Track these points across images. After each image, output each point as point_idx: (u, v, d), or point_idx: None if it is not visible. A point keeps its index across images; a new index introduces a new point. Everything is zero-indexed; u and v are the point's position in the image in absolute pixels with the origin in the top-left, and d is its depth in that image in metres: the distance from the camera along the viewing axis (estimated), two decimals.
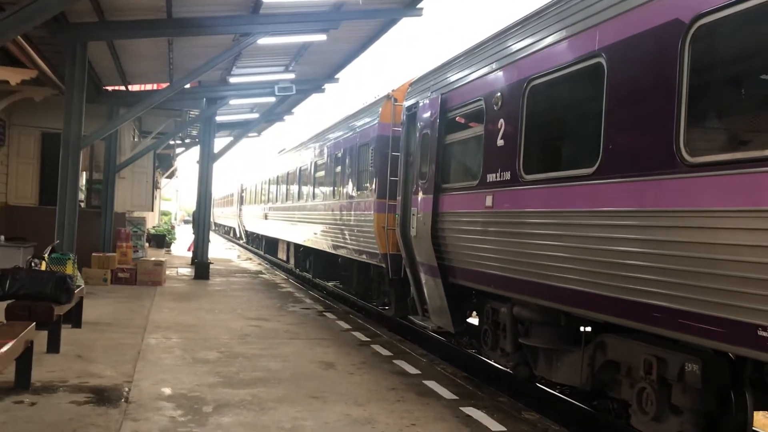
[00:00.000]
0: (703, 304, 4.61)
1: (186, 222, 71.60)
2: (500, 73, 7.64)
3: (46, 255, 8.85)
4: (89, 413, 5.61)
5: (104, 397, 6.13)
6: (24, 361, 6.14)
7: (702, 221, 4.60)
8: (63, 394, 6.16)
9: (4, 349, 5.15)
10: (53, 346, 7.77)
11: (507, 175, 7.25)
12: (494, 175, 7.53)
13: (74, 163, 11.64)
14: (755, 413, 5.32)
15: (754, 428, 5.74)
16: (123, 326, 9.85)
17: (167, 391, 6.47)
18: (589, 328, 6.69)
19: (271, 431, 5.40)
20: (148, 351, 8.23)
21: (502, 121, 7.46)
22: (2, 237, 13.49)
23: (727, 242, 4.41)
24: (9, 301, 7.35)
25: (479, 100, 8.07)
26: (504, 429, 5.80)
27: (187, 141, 27.54)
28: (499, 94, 7.56)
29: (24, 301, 7.29)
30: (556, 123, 7.04)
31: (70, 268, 8.81)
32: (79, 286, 8.70)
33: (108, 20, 11.63)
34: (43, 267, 8.45)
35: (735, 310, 4.36)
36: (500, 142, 7.47)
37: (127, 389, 6.44)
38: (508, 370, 8.42)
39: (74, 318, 9.26)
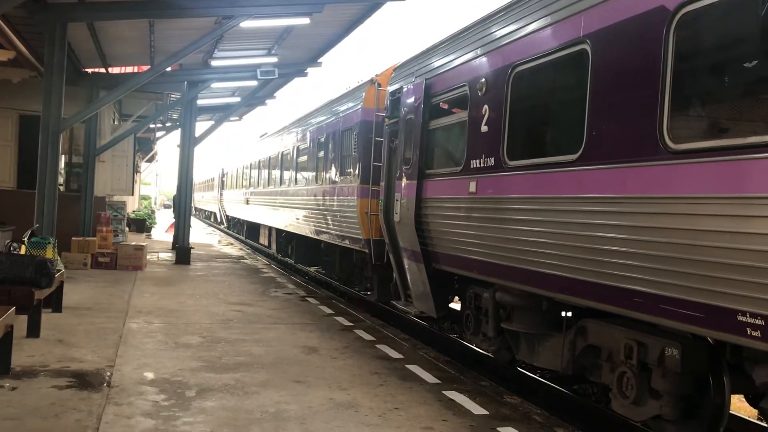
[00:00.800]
0: (684, 289, 4.67)
1: (166, 206, 71.09)
2: (485, 59, 7.64)
3: (25, 239, 8.78)
4: (71, 397, 5.58)
5: (86, 381, 6.10)
6: (4, 345, 6.10)
7: (684, 208, 4.65)
8: (44, 378, 6.12)
9: None
10: (33, 331, 7.71)
11: (491, 161, 7.27)
12: (478, 161, 7.55)
13: (54, 146, 11.51)
14: (732, 397, 5.41)
15: (730, 411, 5.85)
16: (104, 311, 9.79)
17: (150, 375, 6.45)
18: (570, 314, 6.76)
19: (254, 415, 5.41)
20: (129, 335, 8.20)
21: (486, 107, 7.47)
22: None
23: (708, 228, 4.46)
24: None
25: (464, 85, 8.07)
26: (486, 412, 5.85)
27: (168, 125, 27.28)
28: (483, 79, 7.56)
29: (3, 286, 7.21)
30: (541, 109, 7.06)
31: (50, 252, 8.74)
32: (59, 271, 8.63)
33: (88, 1, 11.46)
34: (23, 251, 8.38)
35: (715, 296, 4.42)
36: (484, 128, 7.48)
37: (109, 374, 6.41)
38: (490, 354, 8.49)
39: (54, 302, 9.18)
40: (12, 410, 5.17)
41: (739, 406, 7.81)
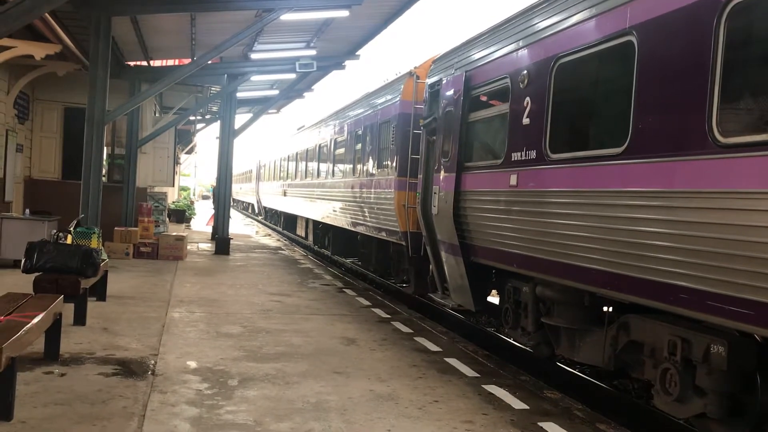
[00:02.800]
0: (732, 285, 4.58)
1: (205, 197, 71.97)
2: (526, 51, 7.56)
3: (71, 229, 8.96)
4: (117, 385, 5.71)
5: (131, 369, 6.23)
6: (53, 333, 6.25)
7: (733, 203, 4.55)
8: (91, 365, 6.26)
9: (35, 321, 5.23)
10: (80, 319, 7.89)
11: (533, 154, 7.20)
12: (519, 153, 7.49)
13: (98, 138, 11.74)
14: None
15: None
16: (147, 300, 9.97)
17: (193, 364, 6.55)
18: (611, 309, 6.68)
19: (296, 405, 5.46)
20: (172, 324, 8.34)
21: (528, 99, 7.40)
22: (27, 211, 13.64)
23: (757, 224, 4.36)
24: (37, 274, 7.47)
25: (504, 77, 8.00)
26: (526, 407, 5.82)
27: (208, 117, 27.62)
28: (525, 72, 7.49)
29: (51, 274, 7.41)
30: (584, 102, 6.96)
31: (95, 242, 8.94)
32: (103, 260, 8.81)
33: None
34: (69, 241, 8.56)
35: (764, 292, 4.33)
36: (526, 121, 7.41)
37: (153, 362, 6.53)
38: (529, 349, 8.44)
39: (99, 291, 9.38)
40: (62, 396, 5.31)
41: None
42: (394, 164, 12.78)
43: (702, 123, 4.82)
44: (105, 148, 16.59)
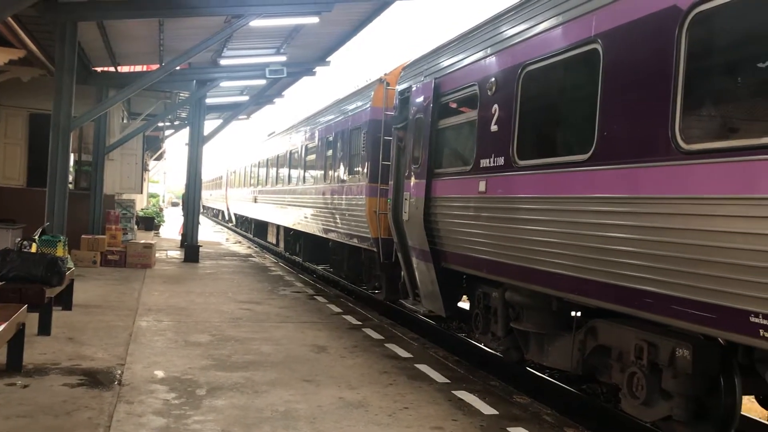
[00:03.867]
0: (696, 290, 4.65)
1: (174, 204, 71.21)
2: (495, 59, 7.63)
3: (36, 237, 8.80)
4: (82, 395, 5.61)
5: (97, 379, 6.13)
6: (16, 343, 6.13)
7: (696, 208, 4.63)
8: (55, 376, 6.15)
9: None
10: (44, 329, 7.75)
11: (501, 161, 7.26)
12: (488, 160, 7.54)
13: (64, 144, 11.56)
14: (743, 398, 5.38)
15: (742, 413, 5.83)
16: (114, 308, 9.83)
17: (160, 373, 6.47)
18: (579, 313, 6.74)
19: (264, 414, 5.42)
20: (139, 334, 8.23)
21: (496, 106, 7.46)
22: None
23: (721, 229, 4.44)
24: (0, 284, 7.33)
25: (473, 85, 8.06)
26: (496, 412, 5.85)
27: (177, 123, 27.34)
28: (493, 79, 7.55)
29: (15, 284, 7.26)
30: (551, 109, 7.04)
31: (60, 250, 8.77)
32: (69, 269, 8.66)
33: (98, 0, 11.49)
34: (34, 249, 8.40)
35: (728, 297, 4.40)
36: (494, 128, 7.47)
37: (119, 372, 6.44)
38: (499, 354, 8.49)
39: (65, 300, 9.23)
40: (24, 408, 5.20)
41: (750, 407, 7.78)
42: (365, 170, 12.78)
43: (665, 130, 4.90)
44: (72, 154, 16.37)
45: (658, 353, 5.39)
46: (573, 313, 6.79)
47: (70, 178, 15.72)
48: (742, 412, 5.76)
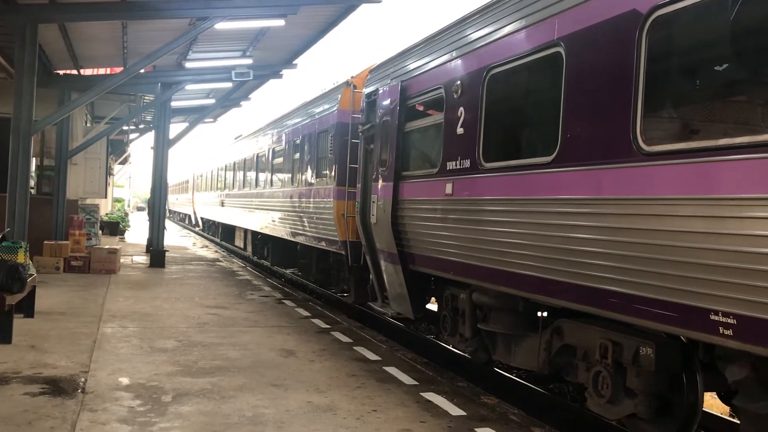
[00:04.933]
0: (658, 289, 4.74)
1: (140, 209, 70.29)
2: (460, 62, 7.68)
3: None
4: (44, 404, 5.50)
5: (60, 388, 6.01)
6: None
7: (657, 209, 4.71)
8: (16, 385, 6.02)
9: None
10: (5, 337, 7.58)
11: (467, 163, 7.30)
12: (454, 163, 7.58)
13: (25, 149, 11.34)
14: (705, 394, 5.49)
15: (704, 409, 5.94)
16: (77, 315, 9.66)
17: (125, 380, 6.38)
18: (546, 314, 6.81)
19: (232, 419, 5.37)
20: (104, 340, 8.10)
21: (461, 109, 7.50)
22: None
23: (681, 229, 4.52)
24: None
25: (439, 88, 8.10)
26: (464, 413, 5.88)
27: (141, 126, 27.00)
28: (458, 82, 7.60)
29: None
30: (516, 112, 7.11)
31: (21, 257, 8.57)
32: (31, 275, 8.49)
33: (59, 2, 11.31)
34: None
35: (688, 296, 4.49)
36: (460, 131, 7.51)
37: (83, 380, 6.33)
38: (467, 355, 8.53)
39: (26, 307, 9.04)
40: None
41: (712, 403, 7.94)
42: (333, 173, 12.76)
43: (627, 132, 4.98)
44: (33, 159, 16.05)
45: (622, 352, 5.47)
46: (539, 314, 6.86)
47: (32, 183, 15.43)
48: (704, 408, 5.87)
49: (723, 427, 7.05)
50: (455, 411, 5.92)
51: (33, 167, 15.86)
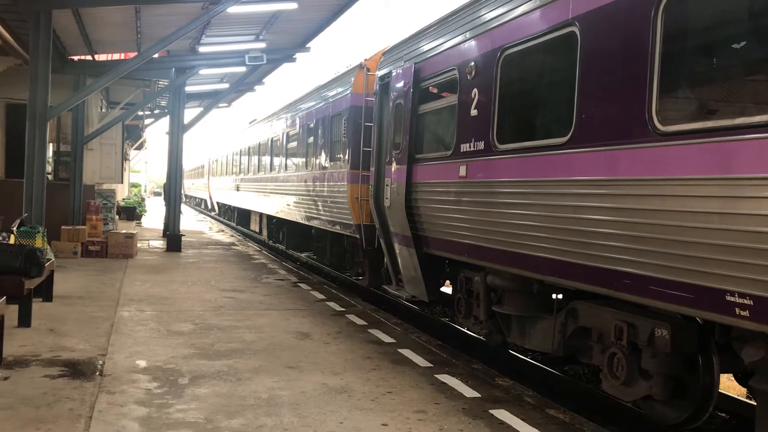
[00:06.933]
0: (674, 270, 4.70)
1: (156, 194, 70.70)
2: (474, 43, 7.62)
3: (14, 228, 8.71)
4: (64, 387, 5.58)
5: (78, 370, 6.09)
6: None
7: (673, 189, 4.67)
8: (36, 368, 6.11)
9: None
10: (24, 320, 7.68)
11: (481, 145, 7.27)
12: (468, 145, 7.54)
13: (41, 134, 11.42)
14: (721, 376, 5.47)
15: (720, 390, 5.92)
16: (95, 299, 9.76)
17: (142, 363, 6.45)
18: (560, 296, 6.80)
19: (248, 401, 5.42)
20: (121, 324, 8.18)
21: (475, 90, 7.46)
22: None
23: (697, 210, 4.48)
24: None
25: (453, 69, 8.05)
26: (478, 395, 5.89)
27: (156, 112, 27.10)
28: (472, 63, 7.54)
29: None
30: (530, 92, 7.05)
31: (39, 241, 8.68)
32: (49, 260, 8.59)
33: None
34: (12, 240, 8.32)
35: (704, 276, 4.46)
36: (474, 112, 7.47)
37: (101, 362, 6.40)
38: (482, 337, 8.54)
39: (45, 291, 9.15)
40: (5, 400, 5.16)
41: (728, 385, 7.90)
42: (347, 157, 12.75)
43: (642, 112, 4.93)
44: (50, 145, 16.18)
45: (637, 333, 5.45)
46: (554, 296, 6.85)
47: (49, 169, 15.57)
48: (720, 390, 5.85)
49: (739, 408, 7.02)
50: (470, 393, 5.94)
51: (49, 153, 16.00)
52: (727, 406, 7.03)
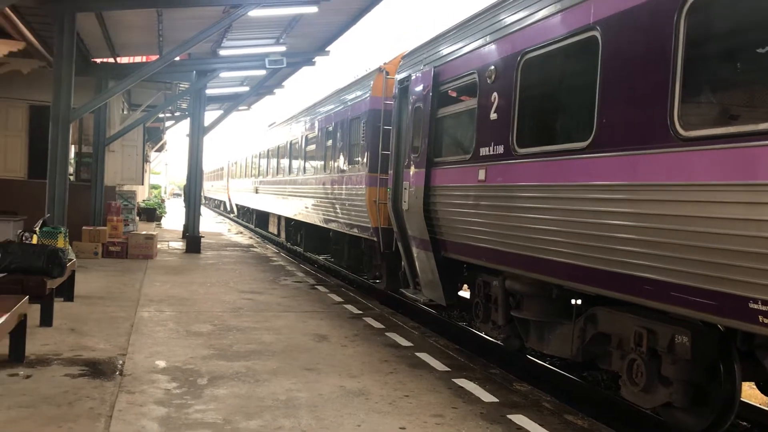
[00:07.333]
0: (695, 277, 4.66)
1: (176, 195, 71.21)
2: (494, 46, 7.61)
3: (37, 228, 8.83)
4: (84, 386, 5.64)
5: (98, 369, 6.16)
6: (18, 334, 6.15)
7: (695, 195, 4.63)
8: (57, 367, 6.18)
9: None
10: (46, 320, 7.77)
11: (500, 149, 7.25)
12: (487, 149, 7.53)
13: (64, 136, 11.56)
14: (743, 384, 5.40)
15: (741, 399, 5.84)
16: (115, 299, 9.86)
17: (162, 363, 6.50)
18: (579, 301, 6.75)
19: (266, 403, 5.45)
20: (141, 324, 8.25)
21: (495, 94, 7.44)
22: None
23: (719, 216, 4.44)
24: (1, 275, 7.34)
25: (472, 73, 8.04)
26: (496, 400, 5.87)
27: (177, 114, 27.31)
28: (492, 67, 7.53)
29: (16, 275, 7.27)
30: (550, 97, 7.03)
31: (61, 242, 8.80)
32: (70, 260, 8.68)
33: None
34: (35, 240, 8.43)
35: (727, 283, 4.41)
36: (493, 116, 7.45)
37: (121, 362, 6.46)
38: (499, 342, 8.51)
39: (66, 291, 9.25)
40: (26, 398, 5.23)
41: (750, 393, 7.80)
42: (365, 160, 12.77)
43: (664, 117, 4.89)
44: (72, 146, 16.36)
45: (657, 340, 5.41)
46: (573, 301, 6.80)
47: (71, 170, 15.74)
48: (741, 398, 5.78)
49: (762, 417, 6.93)
50: (488, 397, 5.92)
51: (72, 154, 16.18)
52: (750, 415, 6.94)
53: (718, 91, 5.09)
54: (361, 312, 9.92)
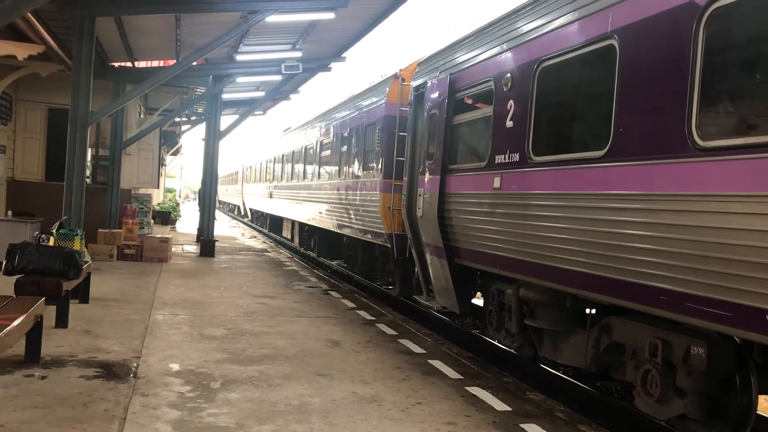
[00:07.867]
0: (712, 288, 4.62)
1: (191, 199, 71.51)
2: (510, 54, 7.60)
3: (54, 230, 8.90)
4: (98, 387, 5.67)
5: (113, 372, 6.19)
6: (34, 335, 6.20)
7: (712, 205, 4.60)
8: (72, 368, 6.22)
9: (15, 323, 5.19)
10: (62, 321, 7.83)
11: (516, 157, 7.24)
12: (503, 156, 7.52)
13: (82, 139, 11.65)
14: (759, 397, 5.35)
15: (758, 412, 5.78)
16: (130, 302, 9.92)
17: (175, 366, 6.53)
18: (594, 311, 6.72)
19: (278, 407, 5.45)
20: (155, 327, 8.30)
21: (511, 102, 7.44)
22: (9, 212, 13.53)
23: (737, 227, 4.41)
24: (18, 276, 7.41)
25: (488, 80, 8.04)
26: (509, 409, 5.84)
27: (193, 118, 27.50)
28: (508, 75, 7.53)
29: (33, 276, 7.34)
30: (567, 105, 7.01)
31: (77, 244, 8.87)
32: (86, 262, 8.75)
33: None
34: (52, 242, 8.49)
35: (743, 295, 4.37)
36: (509, 124, 7.45)
37: (135, 364, 6.50)
38: (513, 351, 8.47)
39: (82, 293, 9.32)
40: (42, 399, 5.27)
41: (767, 406, 7.72)
42: (380, 166, 12.79)
43: (682, 126, 4.87)
44: (89, 149, 16.50)
45: (672, 351, 5.37)
46: (587, 310, 6.77)
47: (87, 173, 15.88)
48: (758, 411, 5.72)
49: None
50: (500, 406, 5.90)
51: (89, 157, 16.32)
52: (767, 428, 6.86)
53: (737, 100, 5.06)
54: (374, 318, 9.91)
